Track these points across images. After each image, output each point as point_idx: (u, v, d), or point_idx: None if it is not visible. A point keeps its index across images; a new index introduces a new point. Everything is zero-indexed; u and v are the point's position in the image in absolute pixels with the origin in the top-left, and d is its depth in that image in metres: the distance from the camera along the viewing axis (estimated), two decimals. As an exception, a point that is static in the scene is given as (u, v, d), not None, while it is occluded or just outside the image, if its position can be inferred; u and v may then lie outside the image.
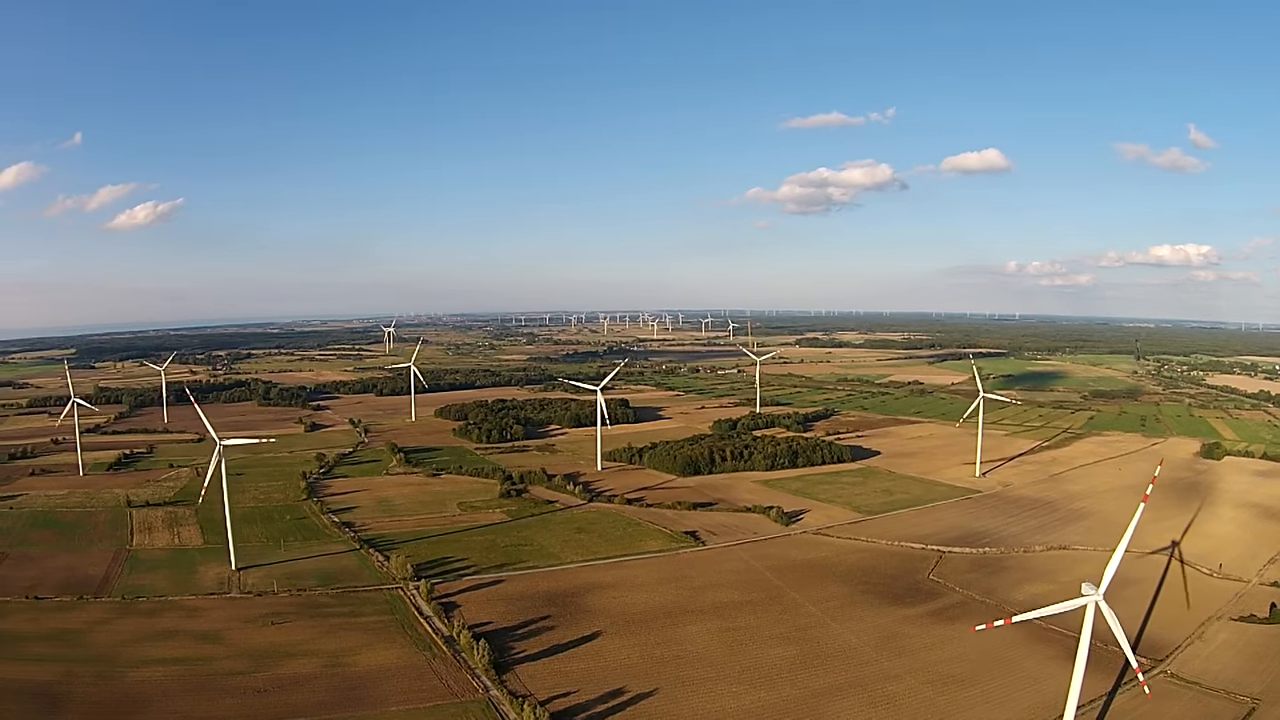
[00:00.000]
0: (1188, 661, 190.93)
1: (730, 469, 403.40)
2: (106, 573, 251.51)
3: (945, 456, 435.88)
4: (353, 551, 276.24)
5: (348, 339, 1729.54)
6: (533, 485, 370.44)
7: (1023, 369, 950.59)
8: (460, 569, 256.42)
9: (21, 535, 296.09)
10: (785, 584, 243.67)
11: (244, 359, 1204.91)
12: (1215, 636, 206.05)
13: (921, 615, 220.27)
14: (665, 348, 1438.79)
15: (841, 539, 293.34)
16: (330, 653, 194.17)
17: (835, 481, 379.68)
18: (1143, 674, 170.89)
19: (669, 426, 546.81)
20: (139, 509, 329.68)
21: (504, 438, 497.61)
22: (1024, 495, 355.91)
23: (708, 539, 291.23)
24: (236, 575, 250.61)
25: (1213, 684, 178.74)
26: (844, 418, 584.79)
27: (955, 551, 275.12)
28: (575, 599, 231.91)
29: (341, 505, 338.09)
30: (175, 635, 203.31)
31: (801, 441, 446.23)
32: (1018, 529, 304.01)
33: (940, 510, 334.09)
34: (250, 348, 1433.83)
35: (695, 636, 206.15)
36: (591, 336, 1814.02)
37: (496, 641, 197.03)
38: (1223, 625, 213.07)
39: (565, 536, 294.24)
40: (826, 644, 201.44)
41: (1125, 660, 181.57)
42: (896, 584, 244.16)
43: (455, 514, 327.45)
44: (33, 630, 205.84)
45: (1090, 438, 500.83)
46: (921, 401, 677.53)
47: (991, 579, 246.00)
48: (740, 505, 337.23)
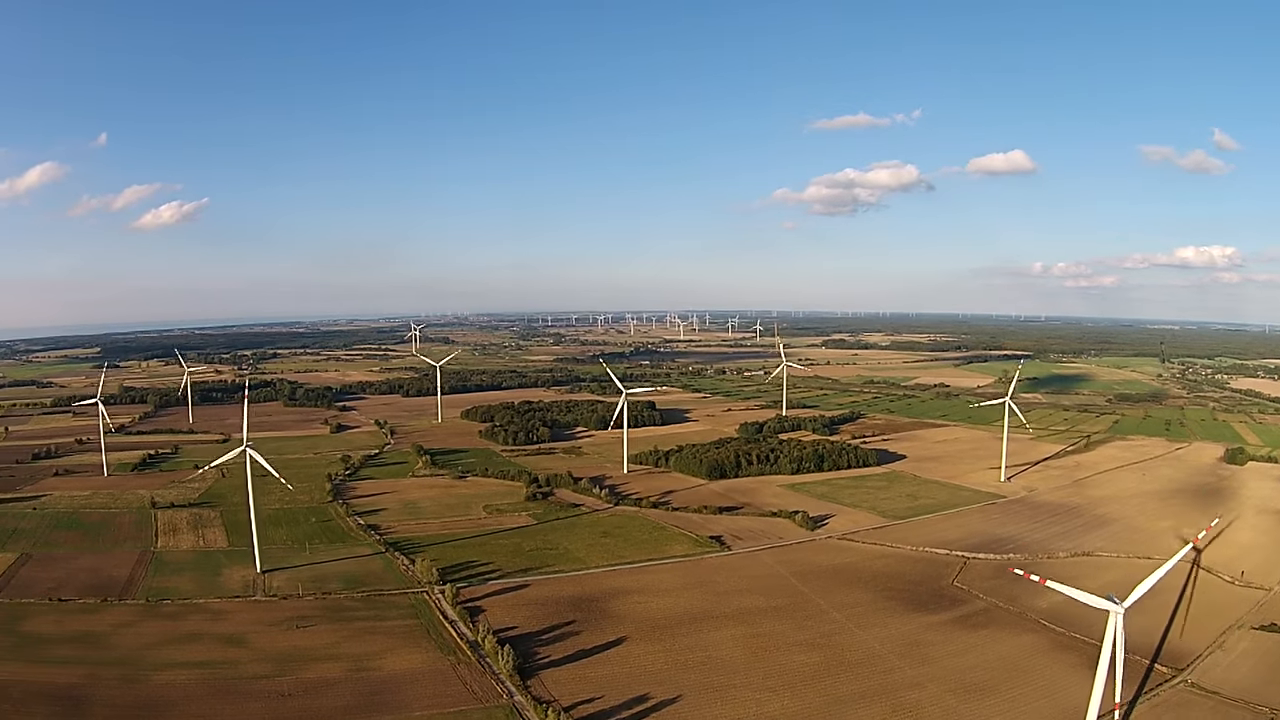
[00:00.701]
0: (1208, 671, 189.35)
1: (756, 473, 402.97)
2: (131, 575, 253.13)
3: (971, 461, 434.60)
4: (378, 554, 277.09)
5: (374, 339, 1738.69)
6: (559, 488, 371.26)
7: (1048, 371, 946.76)
8: (486, 573, 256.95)
9: (45, 536, 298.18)
10: (810, 590, 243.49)
11: (270, 358, 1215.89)
12: (1236, 646, 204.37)
13: (945, 622, 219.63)
14: (692, 349, 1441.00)
15: (866, 544, 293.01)
16: (355, 657, 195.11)
17: (861, 486, 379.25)
18: (1163, 684, 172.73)
19: (695, 429, 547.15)
20: (163, 510, 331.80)
21: (530, 440, 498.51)
22: (1048, 501, 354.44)
23: (733, 544, 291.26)
24: (262, 578, 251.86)
25: (1232, 694, 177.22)
26: (870, 421, 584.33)
27: (979, 557, 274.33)
28: (600, 604, 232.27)
29: (367, 508, 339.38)
30: (200, 638, 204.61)
31: (827, 445, 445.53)
32: (1042, 535, 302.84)
33: (965, 515, 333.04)
34: (276, 347, 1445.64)
35: (720, 642, 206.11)
36: (618, 337, 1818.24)
37: (521, 647, 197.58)
38: (1243, 634, 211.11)
39: (591, 540, 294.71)
40: (850, 651, 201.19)
41: (1147, 669, 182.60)
42: (920, 590, 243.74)
43: (481, 517, 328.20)
44: (56, 632, 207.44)
45: (1115, 442, 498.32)
46: (947, 405, 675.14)
47: (1015, 586, 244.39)
48: (766, 509, 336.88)
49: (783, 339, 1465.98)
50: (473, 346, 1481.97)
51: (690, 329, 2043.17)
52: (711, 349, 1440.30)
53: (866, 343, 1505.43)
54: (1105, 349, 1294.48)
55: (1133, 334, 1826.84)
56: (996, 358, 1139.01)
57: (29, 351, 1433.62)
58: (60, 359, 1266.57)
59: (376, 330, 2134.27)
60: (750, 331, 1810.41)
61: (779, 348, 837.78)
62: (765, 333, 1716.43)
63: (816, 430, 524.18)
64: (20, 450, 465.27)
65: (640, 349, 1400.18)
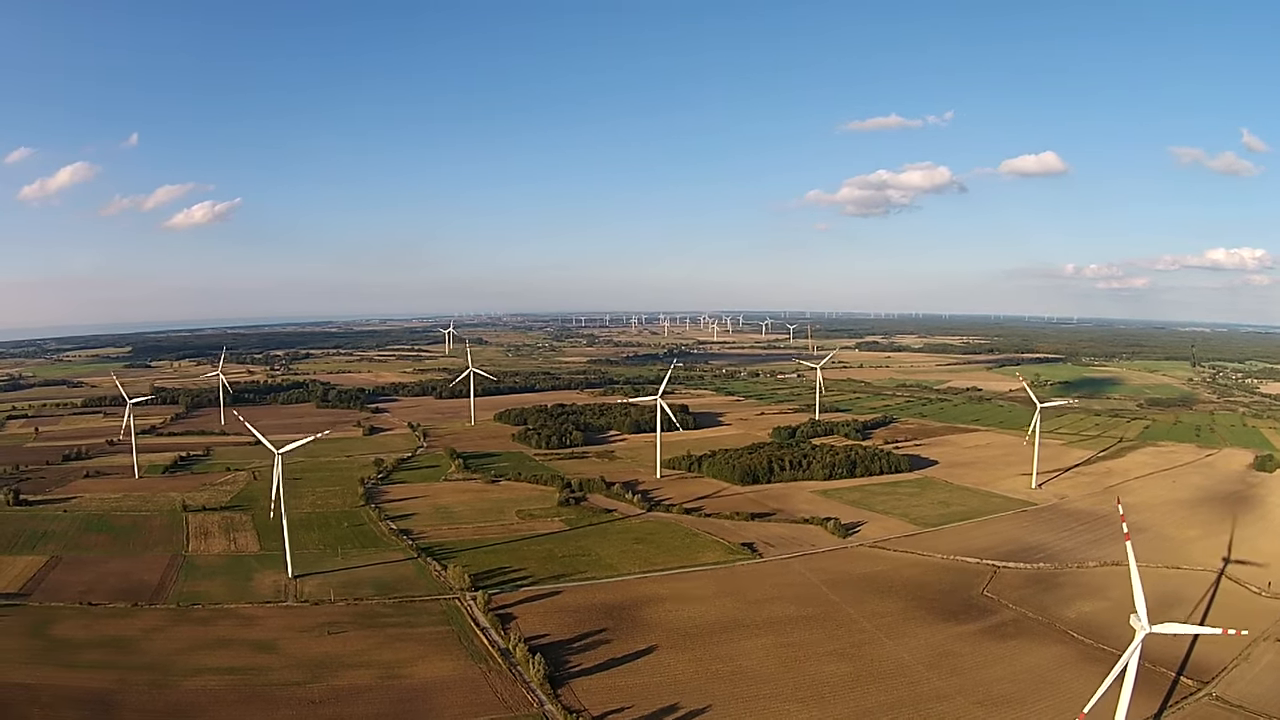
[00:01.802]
0: (1233, 684, 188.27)
1: (789, 478, 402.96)
2: (161, 579, 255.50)
3: (1002, 467, 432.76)
4: (410, 560, 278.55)
5: (407, 339, 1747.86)
6: (591, 493, 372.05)
7: (1080, 375, 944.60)
8: (518, 579, 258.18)
9: (75, 539, 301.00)
10: (841, 599, 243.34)
11: (302, 359, 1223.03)
12: (1261, 658, 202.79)
13: (974, 633, 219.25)
14: (725, 350, 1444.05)
15: (898, 552, 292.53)
16: (386, 664, 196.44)
17: (893, 492, 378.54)
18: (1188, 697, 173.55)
19: (728, 433, 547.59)
20: (195, 513, 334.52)
21: (563, 443, 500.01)
22: (1079, 508, 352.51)
23: (765, 551, 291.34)
24: (293, 583, 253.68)
25: (1257, 708, 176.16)
26: (903, 425, 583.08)
27: (1009, 567, 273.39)
28: (632, 611, 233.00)
29: (399, 512, 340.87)
30: (230, 644, 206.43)
31: (860, 451, 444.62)
32: (1072, 543, 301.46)
33: (996, 523, 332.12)
34: (309, 347, 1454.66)
35: (750, 652, 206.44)
36: (652, 338, 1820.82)
37: (552, 655, 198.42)
38: (1269, 646, 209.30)
39: (623, 547, 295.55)
40: (880, 661, 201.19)
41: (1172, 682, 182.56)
42: (951, 600, 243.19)
43: (513, 522, 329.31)
44: (86, 637, 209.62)
45: (1145, 448, 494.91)
46: (979, 409, 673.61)
47: (1044, 595, 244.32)
48: (798, 516, 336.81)
49: (816, 341, 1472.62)
50: (506, 347, 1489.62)
51: (724, 330, 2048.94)
52: (745, 350, 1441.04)
53: (900, 345, 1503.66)
54: (1136, 352, 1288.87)
55: (1164, 336, 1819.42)
56: (1029, 360, 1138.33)
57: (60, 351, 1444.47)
58: (91, 358, 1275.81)
59: (409, 330, 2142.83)
60: (784, 333, 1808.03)
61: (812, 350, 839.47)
62: (799, 334, 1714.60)
63: (849, 435, 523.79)
64: (51, 451, 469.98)
65: (674, 350, 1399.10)
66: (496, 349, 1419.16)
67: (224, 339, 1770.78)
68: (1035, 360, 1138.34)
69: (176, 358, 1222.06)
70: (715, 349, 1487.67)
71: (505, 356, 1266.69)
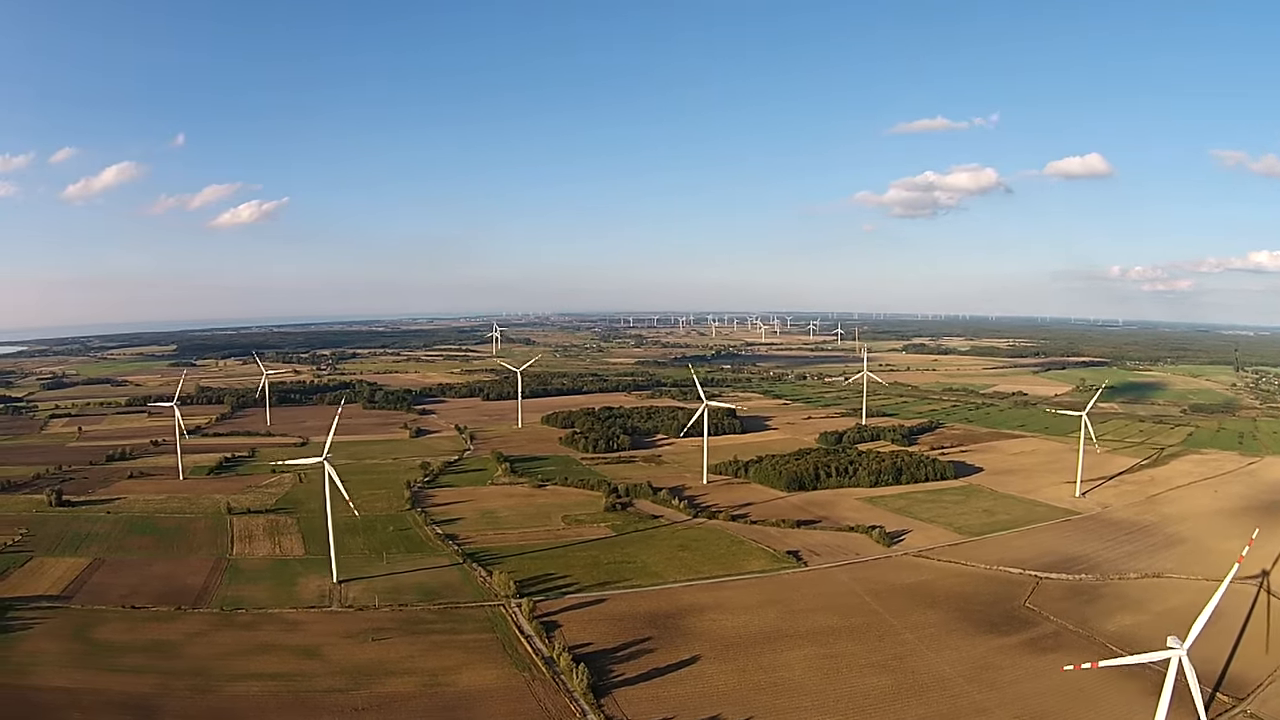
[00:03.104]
0: (1268, 700, 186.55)
1: (835, 484, 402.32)
2: (205, 582, 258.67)
3: (1046, 474, 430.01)
4: (456, 565, 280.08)
5: (454, 339, 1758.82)
6: (638, 499, 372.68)
7: (1124, 379, 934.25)
8: (563, 586, 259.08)
9: (119, 541, 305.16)
10: (884, 609, 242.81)
11: (349, 359, 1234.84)
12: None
13: (1015, 645, 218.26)
14: (773, 352, 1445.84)
15: (941, 562, 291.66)
16: (430, 671, 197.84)
17: (938, 500, 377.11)
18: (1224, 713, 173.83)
19: (775, 438, 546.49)
20: (239, 516, 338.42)
21: (610, 447, 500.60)
22: (1121, 518, 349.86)
23: (810, 559, 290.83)
24: (338, 588, 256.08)
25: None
26: (949, 431, 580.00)
27: (1051, 578, 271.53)
28: (676, 620, 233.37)
29: (445, 516, 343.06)
30: (273, 649, 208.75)
31: (906, 457, 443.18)
32: (1113, 554, 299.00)
33: (1039, 533, 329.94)
34: (355, 347, 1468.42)
35: (793, 663, 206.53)
36: (700, 339, 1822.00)
37: (596, 664, 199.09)
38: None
39: (668, 554, 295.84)
40: (921, 674, 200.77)
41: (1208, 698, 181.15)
42: (992, 611, 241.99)
43: (559, 528, 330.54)
44: (128, 641, 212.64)
45: (1188, 456, 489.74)
46: (1025, 414, 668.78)
47: (1085, 608, 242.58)
48: (843, 524, 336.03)
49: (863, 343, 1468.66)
50: (554, 348, 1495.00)
51: (771, 331, 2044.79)
52: (793, 352, 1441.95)
53: (947, 348, 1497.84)
54: (1180, 356, 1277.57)
55: (1207, 340, 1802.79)
56: (1074, 364, 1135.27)
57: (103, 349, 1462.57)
58: (135, 356, 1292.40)
59: (457, 330, 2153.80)
60: (831, 335, 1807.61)
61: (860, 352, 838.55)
62: (846, 337, 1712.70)
63: (895, 440, 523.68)
64: (94, 451, 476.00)
65: (722, 352, 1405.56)
66: (544, 349, 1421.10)
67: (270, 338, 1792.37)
68: (1080, 364, 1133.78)
69: (222, 356, 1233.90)
70: (763, 350, 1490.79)
71: (553, 357, 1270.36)
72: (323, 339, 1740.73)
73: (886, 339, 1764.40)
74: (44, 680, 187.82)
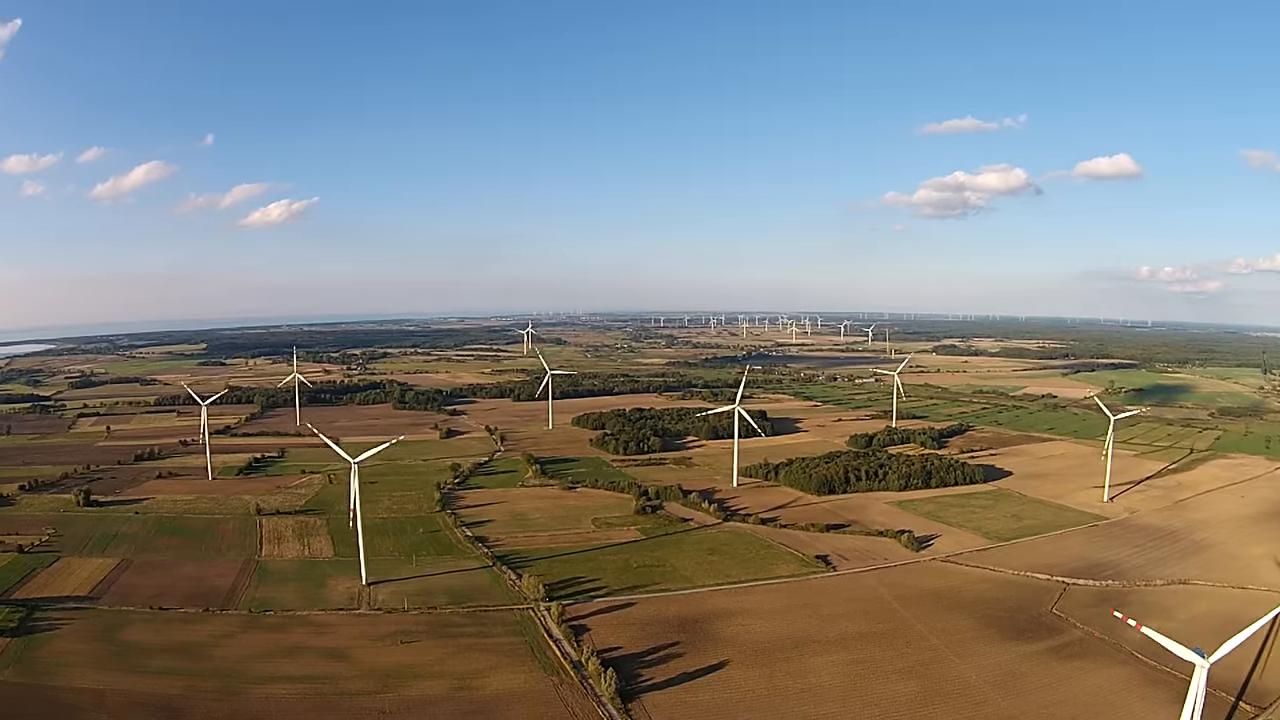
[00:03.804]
0: None
1: (865, 488, 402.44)
2: (234, 584, 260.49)
3: (1075, 479, 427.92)
4: (485, 568, 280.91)
5: (485, 338, 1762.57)
6: (668, 501, 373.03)
7: (1153, 382, 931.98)
8: (592, 590, 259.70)
9: (147, 542, 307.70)
10: (912, 615, 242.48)
11: (379, 358, 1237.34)
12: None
13: (1041, 652, 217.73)
14: (804, 353, 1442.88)
15: (969, 567, 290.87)
16: (458, 675, 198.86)
17: (966, 504, 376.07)
18: None
19: (806, 440, 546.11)
20: (268, 517, 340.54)
21: (641, 449, 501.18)
22: (1149, 523, 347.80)
23: (839, 564, 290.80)
24: (367, 590, 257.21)
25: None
26: (978, 433, 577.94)
27: (1078, 584, 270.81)
28: (704, 625, 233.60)
29: (475, 518, 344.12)
30: (302, 652, 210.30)
31: (935, 461, 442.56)
32: (1140, 560, 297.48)
33: (1067, 538, 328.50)
34: (386, 346, 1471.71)
35: (820, 668, 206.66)
36: (731, 340, 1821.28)
37: (624, 668, 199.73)
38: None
39: (698, 558, 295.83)
40: (947, 681, 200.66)
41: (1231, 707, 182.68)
42: (1019, 618, 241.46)
43: (589, 530, 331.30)
44: (156, 642, 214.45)
45: (1215, 460, 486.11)
46: (1054, 417, 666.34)
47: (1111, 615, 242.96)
48: (873, 528, 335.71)
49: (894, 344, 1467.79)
50: (584, 348, 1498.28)
51: (802, 332, 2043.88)
52: (823, 353, 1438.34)
53: (977, 349, 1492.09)
54: (1209, 358, 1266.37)
55: (1235, 341, 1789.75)
56: (1103, 366, 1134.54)
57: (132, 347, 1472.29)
58: (165, 355, 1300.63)
59: (488, 330, 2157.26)
60: (862, 335, 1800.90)
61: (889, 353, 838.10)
62: (877, 337, 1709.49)
63: (925, 443, 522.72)
64: (122, 450, 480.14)
65: (752, 352, 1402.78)
66: (575, 350, 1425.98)
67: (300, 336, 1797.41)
68: (1109, 366, 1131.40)
69: (251, 355, 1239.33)
70: (793, 351, 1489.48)
71: (584, 358, 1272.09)
72: (354, 338, 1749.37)
73: (917, 339, 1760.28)
74: (71, 681, 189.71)
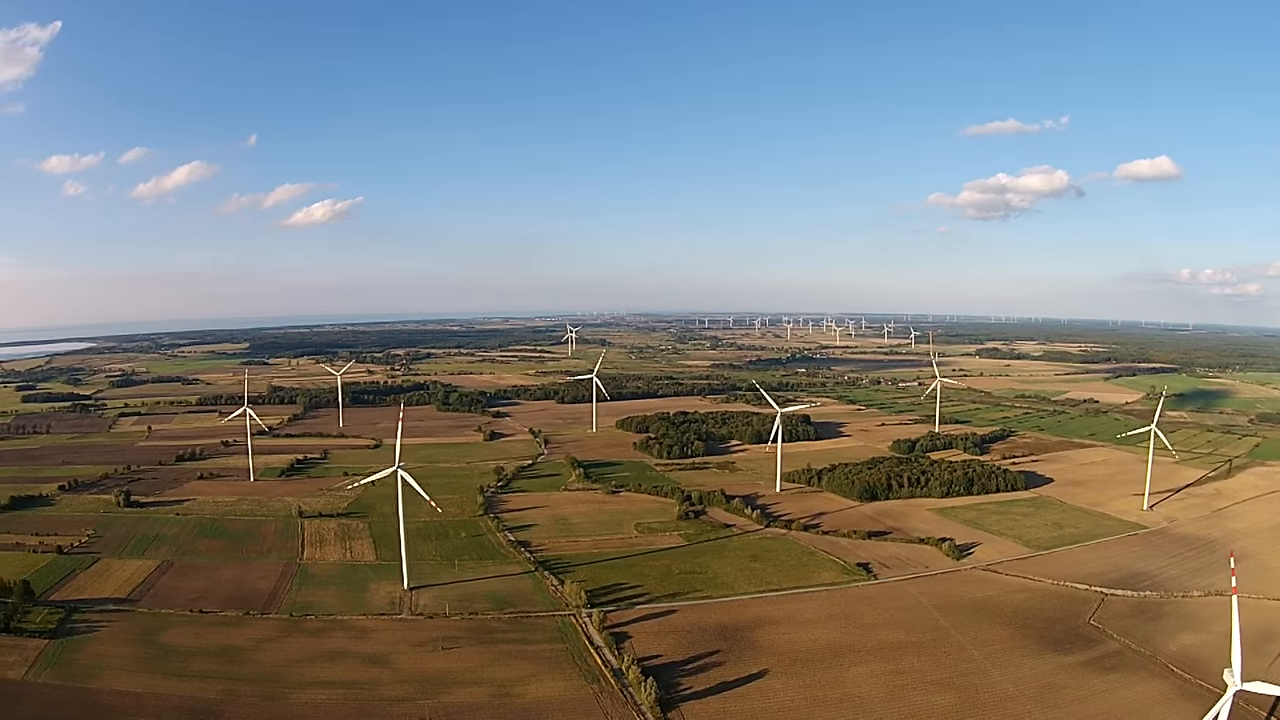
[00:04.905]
0: None
1: (907, 495, 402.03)
2: (275, 587, 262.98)
3: (1115, 486, 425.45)
4: (527, 574, 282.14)
5: (529, 339, 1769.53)
6: (711, 507, 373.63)
7: (1193, 386, 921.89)
8: (634, 596, 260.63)
9: (188, 544, 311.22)
10: (951, 624, 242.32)
11: (423, 359, 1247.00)
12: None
13: (1078, 664, 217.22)
14: (848, 355, 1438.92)
15: (1009, 576, 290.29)
16: (499, 682, 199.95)
17: (1007, 512, 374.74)
18: None
19: (849, 445, 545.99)
20: (310, 519, 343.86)
21: (685, 454, 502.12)
22: (1187, 533, 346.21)
23: (880, 572, 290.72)
24: (408, 595, 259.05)
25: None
26: (1020, 439, 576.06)
27: (1116, 594, 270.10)
28: (745, 633, 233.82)
29: (518, 523, 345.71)
30: (342, 657, 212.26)
31: (977, 468, 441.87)
32: (1178, 570, 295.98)
33: (1106, 547, 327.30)
34: (430, 346, 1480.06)
35: (859, 679, 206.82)
36: (775, 341, 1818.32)
37: (664, 677, 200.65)
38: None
39: (740, 565, 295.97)
40: (984, 692, 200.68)
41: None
42: (1057, 628, 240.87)
43: (632, 536, 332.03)
44: (196, 645, 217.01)
45: (1254, 468, 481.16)
46: (1095, 423, 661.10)
47: (1148, 626, 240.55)
48: (914, 536, 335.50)
49: (937, 347, 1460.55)
50: (629, 349, 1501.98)
51: (846, 334, 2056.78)
52: (867, 356, 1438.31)
53: (1020, 352, 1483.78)
54: (1249, 362, 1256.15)
55: (1275, 345, 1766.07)
56: (1144, 370, 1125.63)
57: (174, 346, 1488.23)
58: (207, 354, 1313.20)
59: (532, 330, 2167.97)
60: (905, 338, 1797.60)
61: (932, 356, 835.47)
62: (920, 340, 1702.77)
63: (967, 449, 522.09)
64: (164, 451, 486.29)
65: (796, 355, 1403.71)
66: (619, 351, 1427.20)
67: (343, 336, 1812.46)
68: (1151, 370, 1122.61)
69: (295, 355, 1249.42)
70: (837, 354, 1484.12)
71: (628, 359, 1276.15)
72: (397, 338, 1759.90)
73: (959, 342, 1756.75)
74: (109, 684, 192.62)
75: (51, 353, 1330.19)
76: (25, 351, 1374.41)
